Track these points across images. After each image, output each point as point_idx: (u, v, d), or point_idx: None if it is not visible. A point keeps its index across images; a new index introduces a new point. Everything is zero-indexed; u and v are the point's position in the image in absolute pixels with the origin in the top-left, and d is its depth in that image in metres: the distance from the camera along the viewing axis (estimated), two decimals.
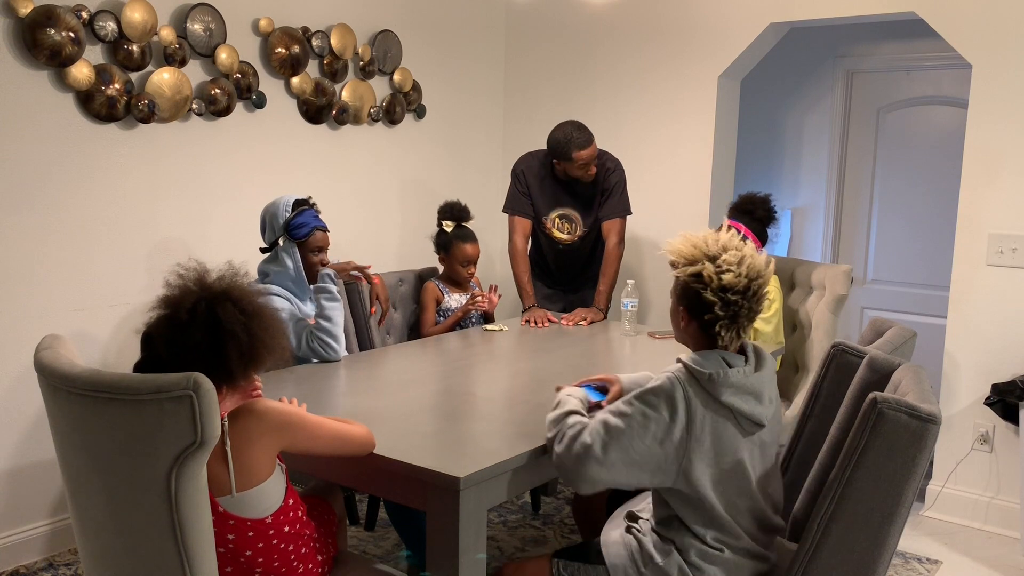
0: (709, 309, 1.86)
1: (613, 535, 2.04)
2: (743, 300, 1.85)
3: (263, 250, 2.99)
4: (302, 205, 2.98)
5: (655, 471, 1.85)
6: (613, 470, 1.84)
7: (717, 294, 1.85)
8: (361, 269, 3.12)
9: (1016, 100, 3.36)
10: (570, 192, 3.74)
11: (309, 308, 2.98)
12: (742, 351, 1.94)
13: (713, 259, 1.87)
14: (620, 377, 2.26)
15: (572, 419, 1.94)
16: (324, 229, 3.00)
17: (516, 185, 3.81)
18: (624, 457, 1.83)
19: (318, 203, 3.07)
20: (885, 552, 1.80)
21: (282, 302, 2.87)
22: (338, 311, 2.89)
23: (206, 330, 1.67)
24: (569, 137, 3.54)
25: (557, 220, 3.78)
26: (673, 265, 1.94)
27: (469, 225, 3.61)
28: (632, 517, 2.05)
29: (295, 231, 2.92)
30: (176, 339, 1.67)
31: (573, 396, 2.08)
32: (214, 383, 1.56)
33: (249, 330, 1.71)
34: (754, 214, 3.53)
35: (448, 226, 3.56)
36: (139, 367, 1.72)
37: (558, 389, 2.17)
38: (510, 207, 3.84)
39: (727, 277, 1.84)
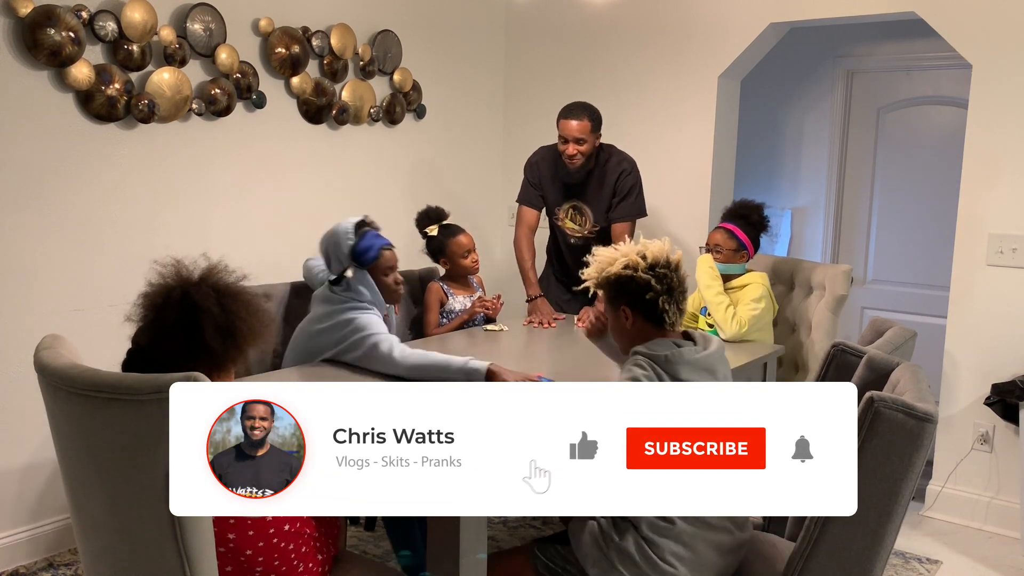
0: (647, 288, 2.03)
1: (578, 524, 2.10)
2: (670, 272, 2.05)
3: (332, 282, 2.80)
4: (362, 226, 2.80)
5: None
6: None
7: (647, 272, 2.04)
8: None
9: (1016, 100, 3.36)
10: (583, 186, 3.73)
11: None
12: (688, 337, 2.10)
13: (631, 250, 2.09)
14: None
15: None
16: (390, 247, 2.82)
17: (528, 175, 3.84)
18: None
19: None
20: (882, 551, 1.80)
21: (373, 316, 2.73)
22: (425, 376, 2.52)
23: (181, 310, 1.71)
24: (567, 106, 3.60)
25: (570, 211, 3.78)
26: (602, 280, 2.10)
27: (449, 222, 3.59)
28: None
29: (362, 256, 2.74)
30: (153, 323, 1.73)
31: None
32: (201, 370, 1.56)
33: (223, 305, 1.74)
34: (749, 219, 3.53)
35: (433, 230, 3.52)
36: (125, 363, 1.78)
37: None
38: (520, 196, 3.88)
39: (650, 252, 2.06)
